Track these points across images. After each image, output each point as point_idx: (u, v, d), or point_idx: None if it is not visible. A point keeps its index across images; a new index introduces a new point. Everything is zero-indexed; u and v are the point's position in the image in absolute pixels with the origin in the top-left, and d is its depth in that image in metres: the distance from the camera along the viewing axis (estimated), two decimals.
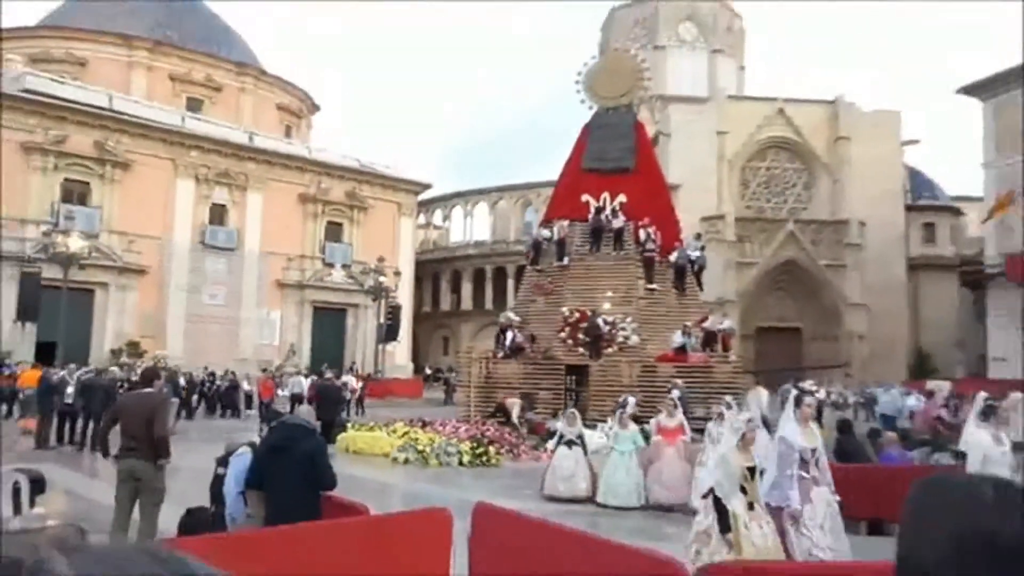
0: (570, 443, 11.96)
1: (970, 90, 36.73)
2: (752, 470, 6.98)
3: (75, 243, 27.93)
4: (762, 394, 21.65)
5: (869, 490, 9.26)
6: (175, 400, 20.07)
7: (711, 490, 7.04)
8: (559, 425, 12.66)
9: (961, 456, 10.65)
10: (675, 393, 17.11)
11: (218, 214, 39.53)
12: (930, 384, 26.29)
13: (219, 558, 4.63)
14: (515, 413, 19.97)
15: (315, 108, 55.63)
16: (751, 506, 6.77)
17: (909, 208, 49.28)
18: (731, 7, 61.94)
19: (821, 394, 22.68)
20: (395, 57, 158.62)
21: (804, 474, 7.12)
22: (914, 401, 22.01)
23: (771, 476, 7.10)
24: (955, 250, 49.53)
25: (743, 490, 6.83)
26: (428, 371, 48.56)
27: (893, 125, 48.37)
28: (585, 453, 11.93)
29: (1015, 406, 9.42)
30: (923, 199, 51.76)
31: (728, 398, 14.55)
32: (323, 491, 6.00)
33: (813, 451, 7.44)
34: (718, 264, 40.55)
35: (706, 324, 22.37)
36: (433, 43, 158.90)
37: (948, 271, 47.78)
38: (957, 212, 51.81)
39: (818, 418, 19.18)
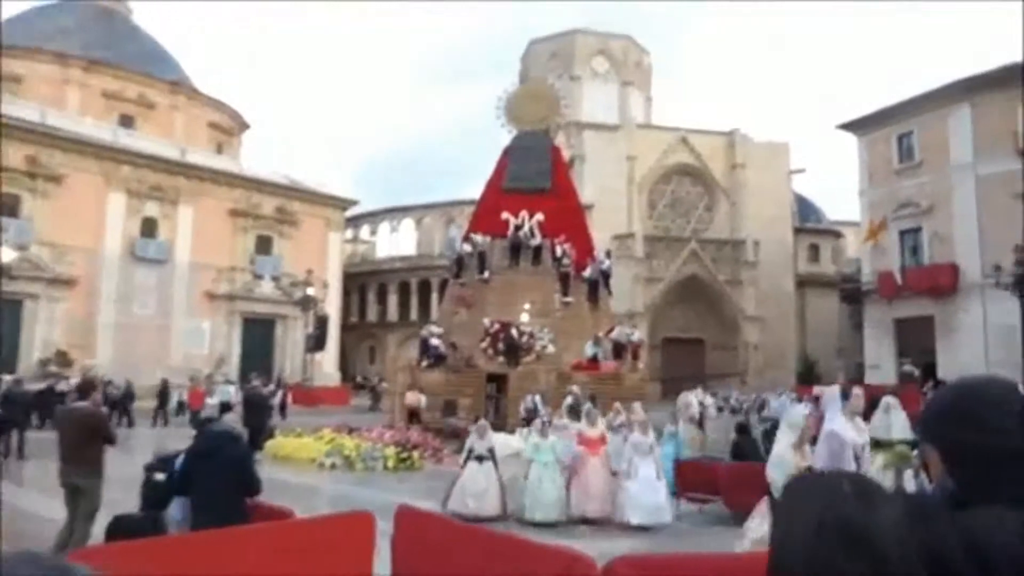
0: (480, 458, 10.75)
1: (847, 126, 38.44)
2: (811, 470, 5.97)
3: (4, 255, 26.66)
4: (692, 399, 22.07)
5: (761, 485, 9.52)
6: (105, 408, 19.21)
7: (769, 494, 6.38)
8: (469, 439, 11.34)
9: None
10: (569, 399, 17.10)
11: (149, 227, 38.18)
12: (816, 389, 27.30)
13: (145, 562, 4.45)
14: (422, 404, 20.01)
15: (245, 126, 54.47)
16: None
17: (797, 230, 51.35)
18: (640, 45, 63.42)
19: (708, 400, 23.09)
20: (324, 79, 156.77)
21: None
22: (802, 407, 22.66)
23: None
24: (836, 268, 51.82)
25: None
26: (360, 380, 47.79)
27: (783, 155, 50.36)
28: (495, 467, 10.81)
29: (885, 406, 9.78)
30: (809, 223, 54.13)
31: (617, 404, 14.56)
32: (248, 496, 5.83)
33: (863, 447, 6.84)
34: (628, 279, 41.30)
35: (613, 335, 22.71)
36: (359, 70, 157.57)
37: (830, 287, 49.88)
38: (838, 235, 54.28)
39: (700, 424, 19.54)
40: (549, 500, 10.15)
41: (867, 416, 11.01)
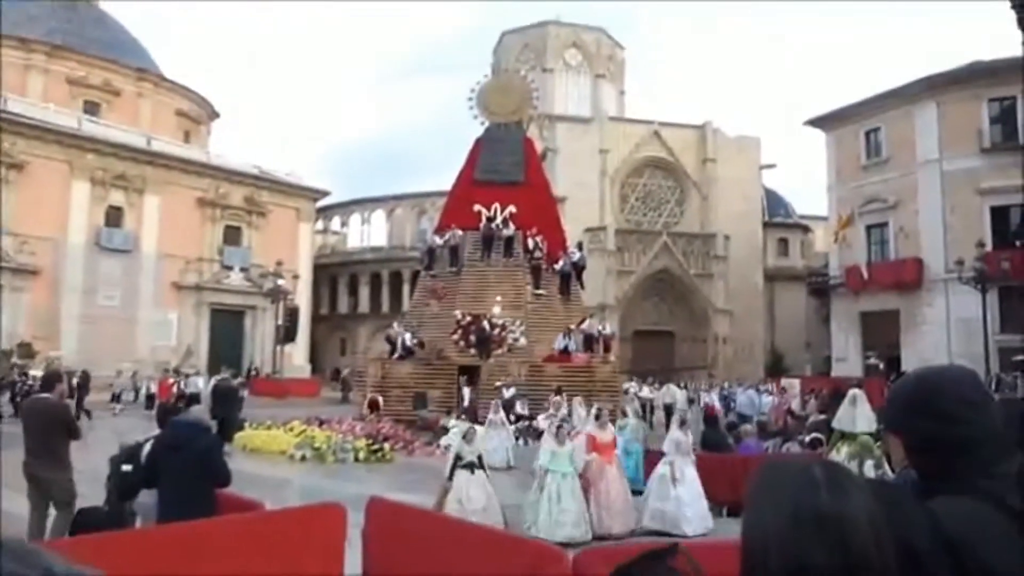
0: (471, 466, 9.18)
1: (816, 122, 38.82)
2: None
3: None
4: (676, 392, 22.17)
5: (729, 476, 9.66)
6: (69, 401, 18.86)
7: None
8: (454, 442, 9.89)
9: (815, 444, 11.25)
10: (507, 392, 16.99)
11: (115, 216, 37.46)
12: (784, 382, 27.73)
13: (112, 556, 4.39)
14: (380, 400, 20.02)
15: (215, 115, 53.66)
16: None
17: (766, 225, 51.88)
18: (613, 38, 63.47)
19: (644, 391, 23.09)
20: (295, 69, 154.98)
21: None
22: (767, 399, 23.04)
23: None
24: (804, 263, 52.46)
25: None
26: (343, 375, 47.15)
27: (754, 149, 50.80)
28: (487, 477, 9.47)
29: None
30: (778, 217, 54.68)
31: (556, 398, 14.35)
32: (217, 487, 5.79)
33: None
34: (600, 272, 41.47)
35: (583, 327, 22.80)
36: (331, 58, 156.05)
37: (798, 281, 50.46)
38: (806, 229, 54.95)
39: (644, 416, 19.63)
40: (571, 518, 8.75)
41: (833, 408, 11.22)
